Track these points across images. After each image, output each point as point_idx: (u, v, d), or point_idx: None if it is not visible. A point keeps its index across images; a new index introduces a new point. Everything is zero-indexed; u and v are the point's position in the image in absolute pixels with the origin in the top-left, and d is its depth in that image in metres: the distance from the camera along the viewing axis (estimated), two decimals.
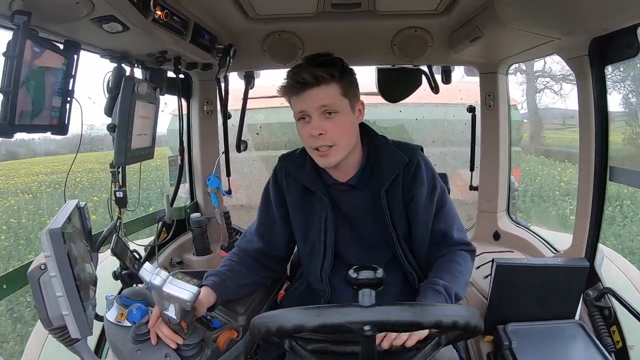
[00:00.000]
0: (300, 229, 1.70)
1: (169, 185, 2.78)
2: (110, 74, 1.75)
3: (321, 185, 1.63)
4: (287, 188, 1.68)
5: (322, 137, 1.48)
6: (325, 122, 1.48)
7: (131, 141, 1.79)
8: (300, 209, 1.67)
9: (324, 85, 1.46)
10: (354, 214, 1.64)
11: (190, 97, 2.66)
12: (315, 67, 1.47)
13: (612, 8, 1.31)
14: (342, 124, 1.50)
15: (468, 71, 2.67)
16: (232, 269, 1.63)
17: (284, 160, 1.73)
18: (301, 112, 1.51)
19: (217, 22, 2.01)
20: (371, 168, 1.62)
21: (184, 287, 1.22)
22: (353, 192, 1.63)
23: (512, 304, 1.74)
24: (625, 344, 1.66)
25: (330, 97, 1.47)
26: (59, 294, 1.12)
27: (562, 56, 1.79)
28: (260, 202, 1.78)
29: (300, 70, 1.47)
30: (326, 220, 1.62)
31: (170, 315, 1.27)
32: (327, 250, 1.64)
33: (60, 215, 1.24)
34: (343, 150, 1.53)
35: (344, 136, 1.51)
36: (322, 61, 1.50)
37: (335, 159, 1.52)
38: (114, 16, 1.31)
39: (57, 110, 1.41)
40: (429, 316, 1.05)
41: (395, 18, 2.12)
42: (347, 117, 1.52)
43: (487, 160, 2.65)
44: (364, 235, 1.65)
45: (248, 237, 1.76)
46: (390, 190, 1.58)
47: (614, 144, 1.74)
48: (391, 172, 1.57)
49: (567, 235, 2.12)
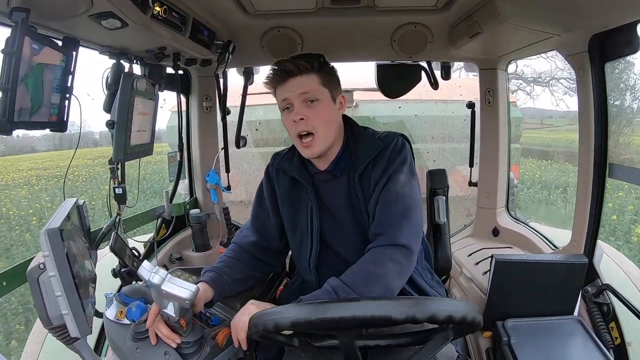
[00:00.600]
0: (289, 220, 1.73)
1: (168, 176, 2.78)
2: (109, 71, 1.75)
3: (307, 175, 1.69)
4: (277, 181, 1.74)
5: (304, 122, 1.55)
6: (307, 109, 1.56)
7: (130, 137, 1.78)
8: (288, 200, 1.72)
9: (305, 75, 1.55)
10: (334, 202, 1.67)
11: (189, 93, 2.66)
12: (296, 59, 1.57)
13: (612, 5, 1.31)
14: (322, 112, 1.56)
15: (467, 67, 2.67)
16: (228, 264, 1.66)
17: (275, 157, 1.81)
18: (284, 101, 1.59)
19: (216, 18, 2.00)
20: (349, 155, 1.66)
21: (182, 285, 1.22)
22: (334, 181, 1.67)
23: (511, 300, 1.75)
24: (623, 341, 1.66)
25: (310, 85, 1.56)
26: (58, 293, 1.12)
27: (561, 52, 1.79)
28: (255, 197, 1.83)
29: (283, 61, 1.58)
30: (311, 210, 1.66)
31: (169, 314, 1.27)
32: (314, 240, 1.66)
33: (58, 213, 1.24)
34: (325, 140, 1.58)
35: (324, 124, 1.57)
36: (303, 55, 1.60)
37: (318, 148, 1.58)
38: (112, 12, 1.31)
39: (56, 107, 1.41)
40: (424, 311, 1.06)
41: (394, 14, 2.11)
42: (328, 106, 1.59)
43: (487, 156, 2.66)
44: (343, 221, 1.66)
45: (244, 232, 1.81)
46: (364, 175, 1.60)
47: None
48: (365, 158, 1.60)
49: (566, 231, 2.11)
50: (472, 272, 2.28)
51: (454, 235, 2.80)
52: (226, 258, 1.70)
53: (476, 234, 2.76)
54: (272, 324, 1.12)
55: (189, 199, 2.79)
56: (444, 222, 2.12)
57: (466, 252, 2.58)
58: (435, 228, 2.18)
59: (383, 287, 1.42)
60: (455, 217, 3.04)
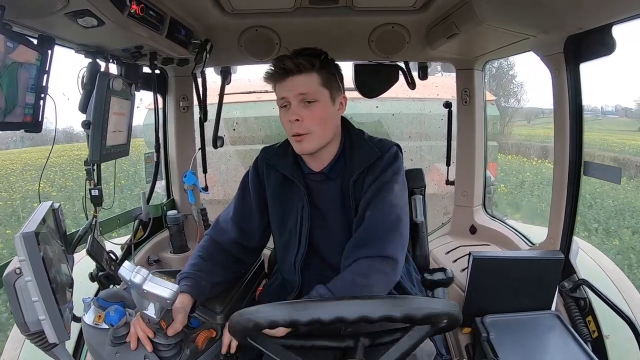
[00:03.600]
0: (277, 219, 1.71)
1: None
2: (85, 70, 1.71)
3: (299, 174, 1.67)
4: (267, 177, 1.71)
5: (299, 123, 1.53)
6: (303, 110, 1.53)
7: (106, 138, 1.75)
8: (278, 198, 1.69)
9: (304, 74, 1.52)
10: (325, 203, 1.66)
11: (166, 93, 2.62)
12: (297, 57, 1.53)
13: (587, 7, 1.34)
14: (319, 114, 1.54)
15: (445, 67, 2.70)
16: (205, 269, 1.59)
17: (266, 151, 1.76)
18: (282, 99, 1.56)
19: (193, 17, 1.98)
20: (344, 159, 1.65)
21: (164, 285, 1.20)
22: (327, 182, 1.66)
23: (489, 296, 1.77)
24: (601, 334, 1.70)
25: (309, 86, 1.53)
26: (35, 298, 1.09)
27: (537, 53, 1.82)
28: (238, 191, 1.79)
29: (284, 58, 1.53)
30: (302, 210, 1.64)
31: (150, 315, 1.25)
32: (302, 240, 1.65)
33: (34, 217, 1.21)
34: (318, 139, 1.57)
35: (320, 125, 1.55)
36: (306, 52, 1.56)
37: (310, 146, 1.57)
38: (89, 10, 1.28)
39: (30, 107, 1.37)
40: (401, 309, 1.06)
41: (372, 14, 2.12)
42: (326, 107, 1.57)
43: (463, 155, 2.69)
44: (332, 224, 1.66)
45: (222, 226, 1.74)
46: (358, 181, 1.61)
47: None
48: (361, 165, 1.60)
49: (542, 228, 2.16)
50: (451, 269, 2.31)
51: (431, 233, 2.83)
52: (200, 261, 1.62)
53: (454, 232, 2.79)
54: (252, 324, 1.10)
55: (166, 200, 2.75)
56: (422, 221, 2.13)
57: (444, 250, 2.61)
58: (413, 227, 2.18)
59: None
60: (433, 215, 3.07)
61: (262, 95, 4.62)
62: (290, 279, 1.71)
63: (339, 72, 1.64)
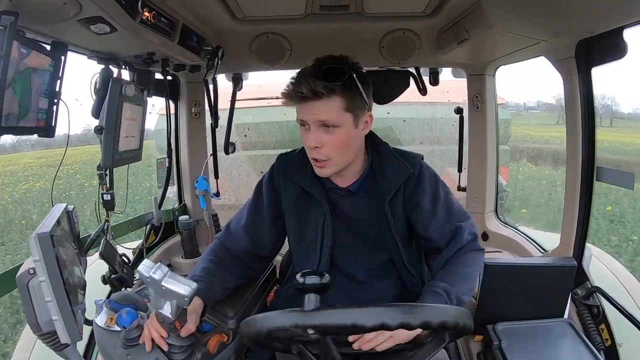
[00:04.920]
0: (294, 231, 1.68)
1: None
2: (98, 76, 1.73)
3: (320, 189, 1.60)
4: (283, 188, 1.65)
5: (318, 150, 1.45)
6: (323, 135, 1.44)
7: (119, 143, 1.77)
8: (295, 211, 1.65)
9: (324, 99, 1.40)
10: (354, 218, 1.62)
11: (178, 99, 2.64)
12: (316, 80, 1.38)
13: (598, 10, 1.33)
14: (340, 139, 1.44)
15: (455, 73, 2.69)
16: (216, 274, 1.58)
17: (283, 160, 1.69)
18: (301, 120, 1.47)
19: (204, 24, 2.00)
20: (373, 176, 1.59)
21: (182, 282, 1.21)
22: (354, 198, 1.61)
23: (501, 303, 1.75)
24: (614, 342, 1.67)
25: (329, 113, 1.41)
26: (48, 299, 1.10)
27: (549, 58, 1.81)
28: (252, 198, 1.74)
29: (302, 80, 1.40)
30: (324, 225, 1.60)
31: (165, 314, 1.25)
32: (323, 255, 1.62)
33: (48, 219, 1.22)
34: (339, 164, 1.50)
35: (340, 151, 1.47)
36: (329, 70, 1.41)
37: (330, 171, 1.51)
38: (101, 17, 1.29)
39: (44, 112, 1.39)
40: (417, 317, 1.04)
41: (383, 20, 2.12)
42: (348, 131, 1.46)
43: (475, 161, 2.67)
44: (362, 240, 1.63)
45: (233, 233, 1.71)
46: (393, 198, 1.57)
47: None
48: (396, 183, 1.56)
49: (555, 235, 2.13)
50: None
51: None
52: (213, 265, 1.61)
53: None
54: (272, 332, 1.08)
55: (178, 205, 2.77)
56: None
57: None
58: None
59: (470, 286, 1.55)
60: None
61: (272, 101, 4.63)
62: None
63: (366, 87, 1.49)
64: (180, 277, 1.22)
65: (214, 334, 1.46)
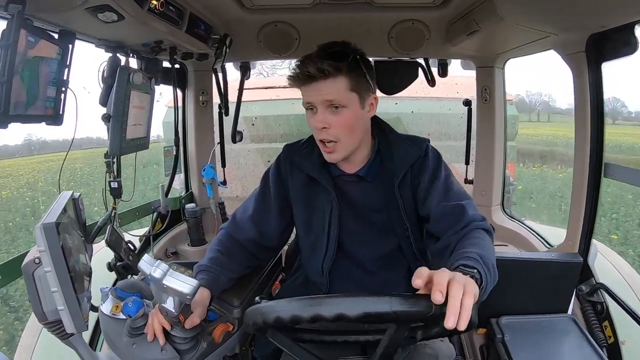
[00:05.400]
0: (302, 221, 1.67)
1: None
2: (105, 64, 1.74)
3: (327, 176, 1.59)
4: (290, 178, 1.65)
5: (326, 130, 1.45)
6: (331, 116, 1.44)
7: (126, 131, 1.78)
8: (303, 199, 1.64)
9: (330, 79, 1.40)
10: (362, 205, 1.61)
11: (185, 88, 2.65)
12: (322, 59, 1.39)
13: (610, 5, 1.31)
14: (347, 119, 1.44)
15: (465, 65, 2.67)
16: (223, 264, 1.57)
17: (289, 150, 1.69)
18: (308, 103, 1.47)
19: (212, 12, 2.00)
20: (381, 160, 1.59)
21: (184, 280, 1.20)
22: (362, 184, 1.60)
23: (505, 297, 1.75)
24: (617, 339, 1.67)
25: (335, 92, 1.41)
26: (54, 289, 1.10)
27: (558, 52, 1.79)
28: (258, 189, 1.73)
29: (308, 61, 1.41)
30: (331, 213, 1.60)
31: (169, 309, 1.26)
32: (330, 244, 1.61)
33: (54, 207, 1.23)
34: (348, 147, 1.49)
35: (348, 132, 1.46)
36: (334, 52, 1.43)
37: (341, 155, 1.50)
38: (109, 5, 1.30)
39: (51, 100, 1.40)
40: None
41: (392, 10, 2.11)
42: (354, 112, 1.46)
43: (483, 154, 2.66)
44: (371, 226, 1.62)
45: (239, 224, 1.69)
46: (404, 181, 1.55)
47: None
48: (404, 165, 1.54)
49: (561, 230, 2.13)
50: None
51: None
52: (220, 255, 1.59)
53: None
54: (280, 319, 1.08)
55: (185, 193, 2.78)
56: None
57: None
58: None
59: (494, 260, 1.29)
60: None
61: (280, 92, 4.62)
62: (316, 281, 1.68)
63: (370, 71, 1.50)
64: (180, 275, 1.21)
65: (219, 323, 1.47)
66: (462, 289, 0.99)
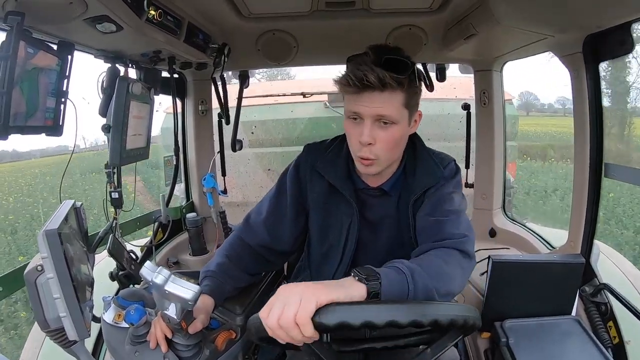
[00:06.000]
0: (318, 230, 1.62)
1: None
2: (104, 74, 1.74)
3: (351, 187, 1.53)
4: (310, 183, 1.58)
5: (370, 147, 1.35)
6: (378, 131, 1.34)
7: (126, 141, 1.78)
8: (322, 208, 1.58)
9: (388, 92, 1.29)
10: (379, 220, 1.56)
11: (184, 97, 2.66)
12: (384, 69, 1.27)
13: (605, 5, 1.31)
14: (394, 137, 1.36)
15: (462, 69, 2.67)
16: (229, 271, 1.54)
17: (311, 152, 1.60)
18: (354, 113, 1.35)
19: (210, 22, 2.01)
20: (405, 175, 1.52)
21: (186, 286, 1.20)
22: (382, 198, 1.54)
23: (508, 300, 1.75)
24: (622, 340, 1.66)
25: (391, 107, 1.31)
26: (56, 295, 1.10)
27: (556, 53, 1.80)
28: (273, 191, 1.65)
29: (366, 68, 1.27)
30: (350, 227, 1.54)
31: (171, 315, 1.25)
32: (345, 256, 1.56)
33: (56, 215, 1.23)
34: (385, 164, 1.43)
35: (391, 149, 1.38)
36: (394, 61, 1.30)
37: (377, 170, 1.42)
38: (107, 16, 1.30)
39: (51, 111, 1.40)
40: (426, 315, 1.04)
41: (389, 16, 2.11)
42: (402, 129, 1.37)
43: (482, 157, 2.67)
44: (383, 240, 1.58)
45: (252, 227, 1.63)
46: (417, 200, 1.49)
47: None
48: (424, 184, 1.48)
49: (563, 231, 2.12)
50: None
51: None
52: (228, 261, 1.55)
53: None
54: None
55: (186, 202, 2.78)
56: None
57: None
58: None
59: (446, 289, 1.23)
60: None
61: (279, 98, 4.63)
62: None
63: (420, 85, 1.42)
64: (183, 281, 1.20)
65: (222, 330, 1.46)
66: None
